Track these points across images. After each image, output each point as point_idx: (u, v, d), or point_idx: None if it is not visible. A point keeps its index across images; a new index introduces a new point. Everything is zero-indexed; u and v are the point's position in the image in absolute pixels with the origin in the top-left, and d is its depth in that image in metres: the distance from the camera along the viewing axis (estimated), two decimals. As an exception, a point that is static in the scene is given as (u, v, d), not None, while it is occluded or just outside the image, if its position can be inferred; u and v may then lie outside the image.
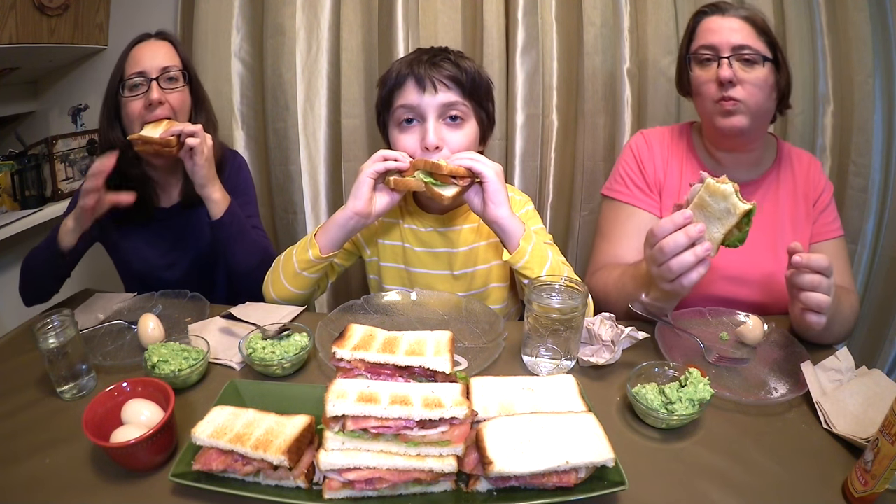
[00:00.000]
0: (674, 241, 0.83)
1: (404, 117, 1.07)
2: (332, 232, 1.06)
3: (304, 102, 1.72)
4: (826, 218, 1.15)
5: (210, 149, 1.10)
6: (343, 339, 0.73)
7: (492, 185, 0.98)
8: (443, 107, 1.05)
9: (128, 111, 1.14)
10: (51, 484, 0.68)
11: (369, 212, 1.03)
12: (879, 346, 1.72)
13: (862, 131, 1.61)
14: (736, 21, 1.06)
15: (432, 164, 0.98)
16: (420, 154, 1.05)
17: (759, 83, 1.04)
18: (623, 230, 1.20)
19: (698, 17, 1.12)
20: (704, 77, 1.08)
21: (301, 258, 1.07)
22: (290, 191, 1.79)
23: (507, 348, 0.94)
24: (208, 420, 0.68)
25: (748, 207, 0.81)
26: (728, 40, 1.04)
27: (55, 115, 1.93)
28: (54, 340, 0.81)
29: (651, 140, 1.24)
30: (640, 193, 1.21)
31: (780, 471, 0.69)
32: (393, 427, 0.62)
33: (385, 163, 1.01)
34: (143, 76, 1.12)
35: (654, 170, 1.20)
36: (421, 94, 1.04)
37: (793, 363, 0.88)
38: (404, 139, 1.07)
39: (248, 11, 1.70)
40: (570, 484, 0.62)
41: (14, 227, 1.63)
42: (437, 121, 1.05)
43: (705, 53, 1.07)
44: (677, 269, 0.83)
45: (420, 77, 1.04)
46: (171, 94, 1.15)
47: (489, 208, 0.99)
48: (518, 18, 1.61)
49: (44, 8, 1.56)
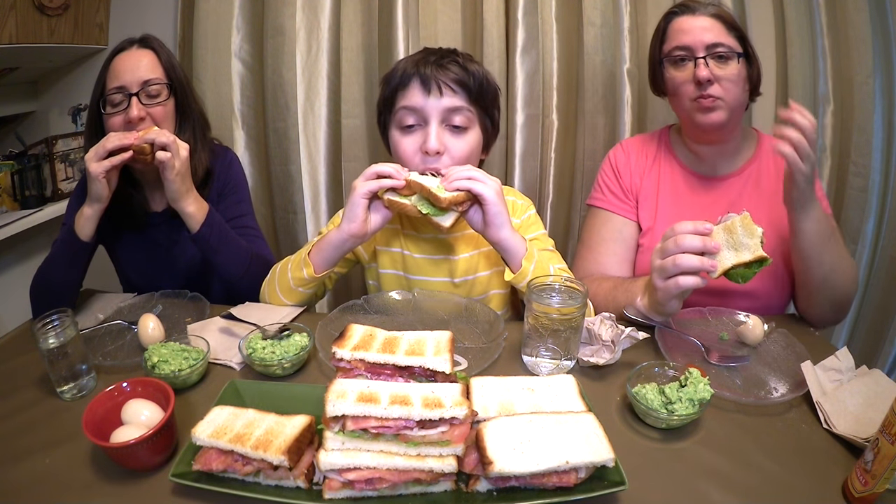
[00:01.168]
0: (691, 239, 0.87)
1: (406, 121, 1.04)
2: (326, 251, 1.03)
3: (304, 102, 1.72)
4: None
5: (183, 162, 1.06)
6: (343, 339, 0.73)
7: (493, 206, 0.95)
8: (447, 111, 1.02)
9: (109, 128, 1.11)
10: (51, 484, 0.68)
11: (365, 232, 1.00)
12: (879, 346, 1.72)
13: (862, 131, 1.61)
14: (706, 20, 1.08)
15: (430, 191, 0.93)
16: (420, 159, 1.03)
17: (734, 78, 1.07)
18: (600, 236, 1.24)
19: (668, 17, 1.14)
20: (681, 77, 1.10)
21: (296, 276, 1.05)
22: (290, 191, 1.79)
23: (507, 348, 0.94)
24: (208, 420, 0.68)
25: (764, 256, 0.86)
26: (701, 40, 1.06)
27: (55, 115, 1.92)
28: (54, 340, 0.81)
29: (629, 149, 1.28)
30: (616, 199, 1.24)
31: (780, 471, 0.69)
32: (393, 427, 0.62)
33: (379, 181, 0.96)
34: (123, 91, 1.09)
35: (630, 176, 1.24)
36: (425, 97, 1.01)
37: (793, 363, 0.88)
38: (405, 142, 1.04)
39: (248, 11, 1.70)
40: (570, 484, 0.62)
41: (14, 227, 1.63)
42: (439, 125, 1.02)
43: (679, 54, 1.10)
44: (681, 265, 0.86)
45: (426, 78, 1.01)
46: (153, 109, 1.12)
47: (491, 230, 0.97)
48: (518, 18, 1.61)
49: (44, 8, 1.56)
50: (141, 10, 1.79)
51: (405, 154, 1.04)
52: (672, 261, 0.87)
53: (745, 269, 0.86)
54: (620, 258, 1.22)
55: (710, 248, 0.86)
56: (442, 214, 0.96)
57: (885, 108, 1.58)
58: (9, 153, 1.80)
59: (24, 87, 1.90)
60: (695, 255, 0.86)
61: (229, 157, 1.32)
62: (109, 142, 1.02)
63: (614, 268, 1.21)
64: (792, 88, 1.63)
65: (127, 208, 1.17)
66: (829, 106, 1.60)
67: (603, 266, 1.21)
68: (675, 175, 1.22)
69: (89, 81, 1.14)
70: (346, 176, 1.80)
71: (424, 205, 0.96)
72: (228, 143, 1.66)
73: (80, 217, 1.06)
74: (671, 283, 0.88)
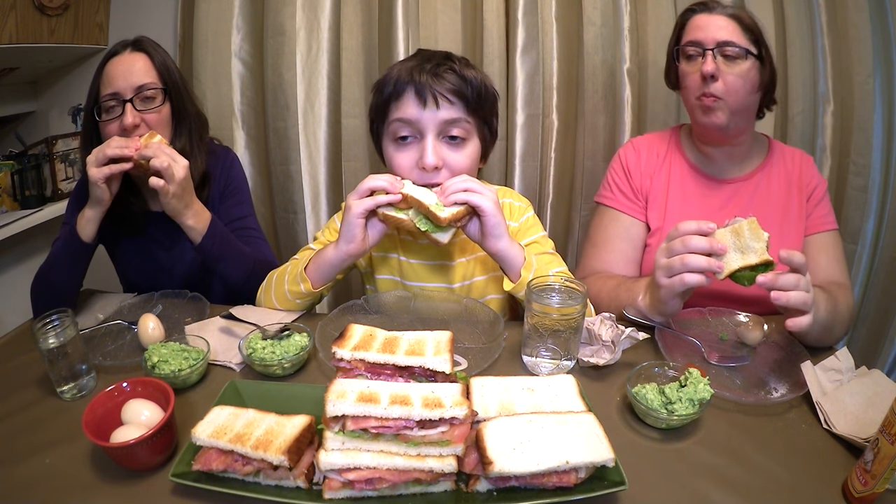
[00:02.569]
0: (698, 240, 0.87)
1: (400, 133, 1.00)
2: (324, 269, 1.00)
3: (304, 102, 1.72)
4: (820, 212, 1.17)
5: (180, 183, 1.04)
6: (343, 339, 0.73)
7: (491, 218, 0.92)
8: (444, 123, 0.97)
9: (105, 135, 1.10)
10: (51, 484, 0.68)
11: (364, 250, 0.97)
12: (879, 346, 1.72)
13: (862, 131, 1.61)
14: (722, 19, 1.09)
15: (427, 208, 0.90)
16: (417, 175, 0.99)
17: (740, 77, 1.07)
18: (607, 234, 1.24)
19: (687, 14, 1.15)
20: (689, 70, 1.12)
21: (292, 289, 1.03)
22: (290, 191, 1.79)
23: (507, 348, 0.94)
24: (208, 420, 0.68)
25: (770, 260, 0.86)
26: (713, 36, 1.07)
27: (55, 115, 1.93)
28: (54, 340, 0.81)
29: (639, 147, 1.27)
30: (625, 199, 1.24)
31: (780, 471, 0.69)
32: (393, 427, 0.62)
33: (375, 199, 0.92)
34: (117, 98, 1.08)
35: (641, 176, 1.24)
36: (421, 109, 0.96)
37: (793, 363, 0.88)
38: (400, 157, 1.01)
39: (248, 11, 1.70)
40: (570, 484, 0.62)
41: (14, 227, 1.63)
42: (436, 139, 0.98)
43: (691, 49, 1.11)
44: (688, 264, 0.86)
45: (420, 88, 0.96)
46: (148, 115, 1.11)
47: (489, 241, 0.95)
48: (518, 18, 1.61)
49: (44, 8, 1.56)
50: (141, 10, 1.79)
51: (400, 169, 1.01)
52: (679, 259, 0.87)
53: (750, 272, 0.86)
54: (627, 258, 1.22)
55: (716, 250, 0.86)
56: (440, 231, 0.94)
57: (884, 108, 1.58)
58: (9, 153, 1.80)
59: (24, 87, 1.90)
60: (702, 256, 0.87)
61: (230, 158, 1.32)
62: (110, 149, 1.02)
63: (620, 267, 1.21)
64: (792, 88, 1.63)
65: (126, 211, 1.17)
66: (829, 105, 1.60)
67: (609, 265, 1.21)
68: (685, 175, 1.22)
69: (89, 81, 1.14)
70: (346, 176, 1.80)
71: (422, 221, 0.93)
72: (228, 143, 1.66)
73: (82, 218, 1.06)
74: (676, 280, 0.88)
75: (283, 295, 1.06)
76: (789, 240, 1.14)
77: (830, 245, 1.16)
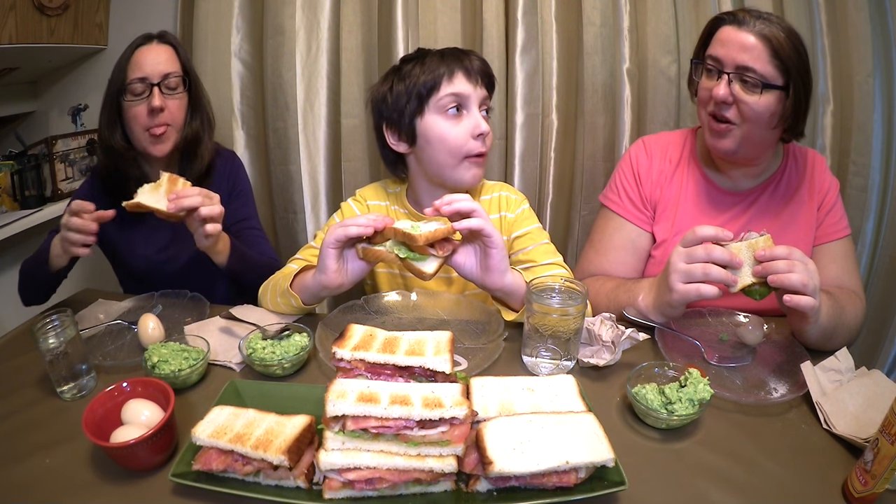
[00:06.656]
0: (721, 251, 0.86)
1: (452, 104, 1.06)
2: (305, 294, 1.00)
3: (304, 102, 1.71)
4: (832, 219, 1.12)
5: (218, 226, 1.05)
6: (343, 339, 0.73)
7: (500, 251, 0.89)
8: (482, 100, 1.09)
9: (131, 115, 1.15)
10: (51, 484, 0.68)
11: (341, 282, 0.94)
12: (879, 346, 1.72)
13: (862, 131, 1.61)
14: (750, 37, 0.96)
15: (405, 234, 0.85)
16: (472, 142, 1.05)
17: (757, 108, 0.98)
18: (611, 242, 1.20)
19: (717, 22, 1.04)
20: (705, 85, 1.05)
21: (285, 301, 1.03)
22: (290, 191, 1.79)
23: (507, 348, 0.94)
24: (208, 420, 0.68)
25: None
26: (734, 58, 0.97)
27: (55, 115, 1.92)
28: (54, 340, 0.81)
29: (651, 149, 1.21)
30: (633, 207, 1.20)
31: (780, 471, 0.69)
32: (393, 427, 0.62)
33: (346, 229, 0.89)
34: (145, 82, 1.14)
35: (651, 185, 1.18)
36: (471, 85, 1.06)
37: (793, 363, 0.88)
38: (456, 128, 1.06)
39: (248, 11, 1.70)
40: (570, 484, 0.63)
41: (14, 227, 1.63)
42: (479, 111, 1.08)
43: (711, 64, 1.03)
44: (709, 274, 0.85)
45: (469, 69, 1.07)
46: (171, 101, 1.17)
47: (494, 276, 0.90)
48: (518, 18, 1.61)
49: (44, 8, 1.56)
50: (141, 10, 1.79)
51: (457, 139, 1.06)
52: (702, 268, 0.86)
53: (762, 288, 0.86)
54: (629, 267, 1.18)
55: (734, 263, 0.85)
56: (423, 259, 0.88)
57: (884, 108, 1.58)
58: (9, 153, 1.80)
59: (24, 87, 1.90)
60: (721, 267, 0.85)
61: (237, 163, 1.39)
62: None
63: (620, 276, 1.17)
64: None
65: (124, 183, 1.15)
66: (829, 105, 1.60)
67: (609, 273, 1.18)
68: (699, 188, 1.16)
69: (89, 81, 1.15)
70: (346, 176, 1.79)
71: (401, 248, 0.89)
72: (228, 142, 1.66)
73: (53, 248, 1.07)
74: (692, 289, 0.87)
75: (277, 303, 1.06)
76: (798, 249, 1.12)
77: (842, 254, 1.11)
